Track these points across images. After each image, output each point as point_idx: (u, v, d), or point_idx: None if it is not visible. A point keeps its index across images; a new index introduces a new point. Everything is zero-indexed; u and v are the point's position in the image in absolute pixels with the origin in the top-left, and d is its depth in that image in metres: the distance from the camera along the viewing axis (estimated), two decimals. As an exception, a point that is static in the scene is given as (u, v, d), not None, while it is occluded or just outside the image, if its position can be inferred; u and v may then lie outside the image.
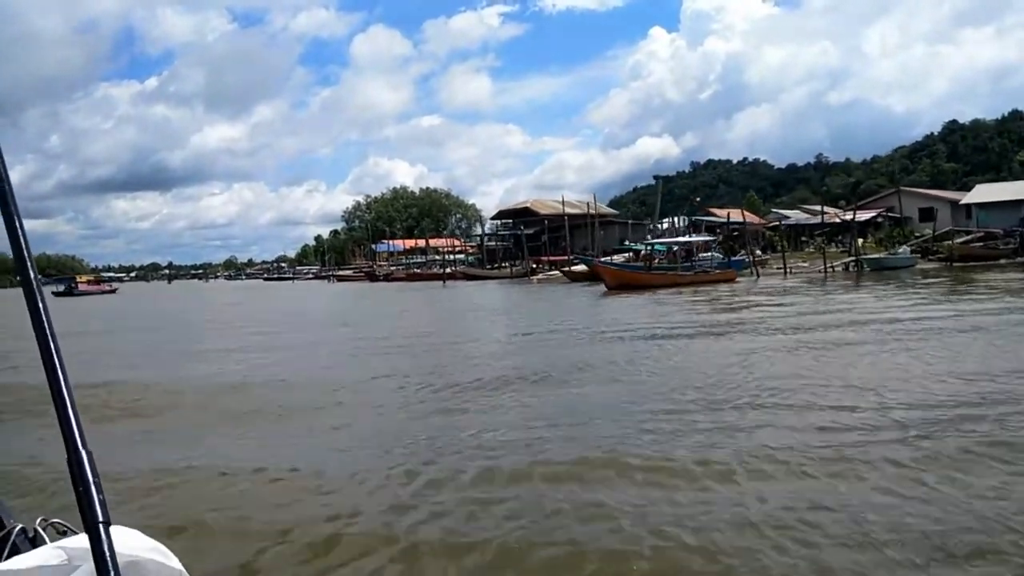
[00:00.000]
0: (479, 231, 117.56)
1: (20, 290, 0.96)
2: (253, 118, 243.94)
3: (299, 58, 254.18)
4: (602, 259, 48.00)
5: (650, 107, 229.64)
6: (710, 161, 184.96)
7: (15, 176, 1.01)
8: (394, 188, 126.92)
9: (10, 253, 0.98)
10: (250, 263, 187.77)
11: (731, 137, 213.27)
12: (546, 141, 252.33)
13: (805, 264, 48.60)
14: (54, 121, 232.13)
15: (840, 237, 59.56)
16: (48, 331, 0.94)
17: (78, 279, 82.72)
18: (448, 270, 71.50)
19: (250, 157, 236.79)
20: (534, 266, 61.14)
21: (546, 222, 65.31)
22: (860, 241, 58.52)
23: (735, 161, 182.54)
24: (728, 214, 57.48)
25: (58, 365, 0.93)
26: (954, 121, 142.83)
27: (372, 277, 71.37)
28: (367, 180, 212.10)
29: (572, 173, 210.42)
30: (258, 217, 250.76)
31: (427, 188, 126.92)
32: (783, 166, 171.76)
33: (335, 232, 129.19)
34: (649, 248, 44.06)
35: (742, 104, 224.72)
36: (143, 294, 74.28)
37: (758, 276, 39.63)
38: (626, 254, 53.06)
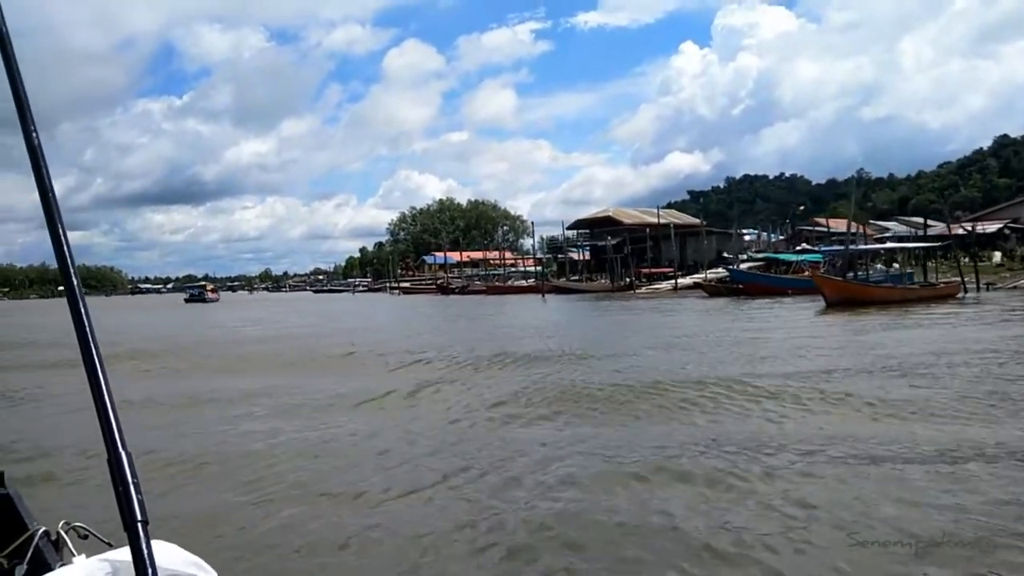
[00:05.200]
0: (528, 243, 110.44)
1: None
2: (285, 133, 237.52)
3: (332, 74, 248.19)
4: (739, 270, 40.11)
5: (680, 123, 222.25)
6: (746, 176, 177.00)
7: (55, 188, 1.01)
8: (440, 200, 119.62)
9: (56, 264, 0.98)
10: (286, 275, 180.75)
11: (761, 152, 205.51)
12: (574, 157, 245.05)
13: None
14: (92, 135, 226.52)
15: (975, 249, 51.56)
16: (89, 335, 0.93)
17: (207, 287, 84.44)
18: (528, 282, 63.88)
19: (283, 172, 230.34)
20: (630, 279, 53.26)
21: (647, 231, 57.29)
22: (998, 255, 50.40)
23: (771, 176, 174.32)
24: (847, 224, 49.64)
25: (99, 368, 0.91)
26: (1005, 136, 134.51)
27: (444, 290, 63.40)
28: (396, 194, 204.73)
29: (600, 188, 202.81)
30: (290, 231, 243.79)
31: (474, 200, 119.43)
32: (822, 181, 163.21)
33: (379, 244, 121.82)
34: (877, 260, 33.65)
35: (772, 120, 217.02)
36: (234, 303, 68.81)
37: (966, 291, 31.55)
38: (754, 263, 44.73)
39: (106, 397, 0.90)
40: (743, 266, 45.89)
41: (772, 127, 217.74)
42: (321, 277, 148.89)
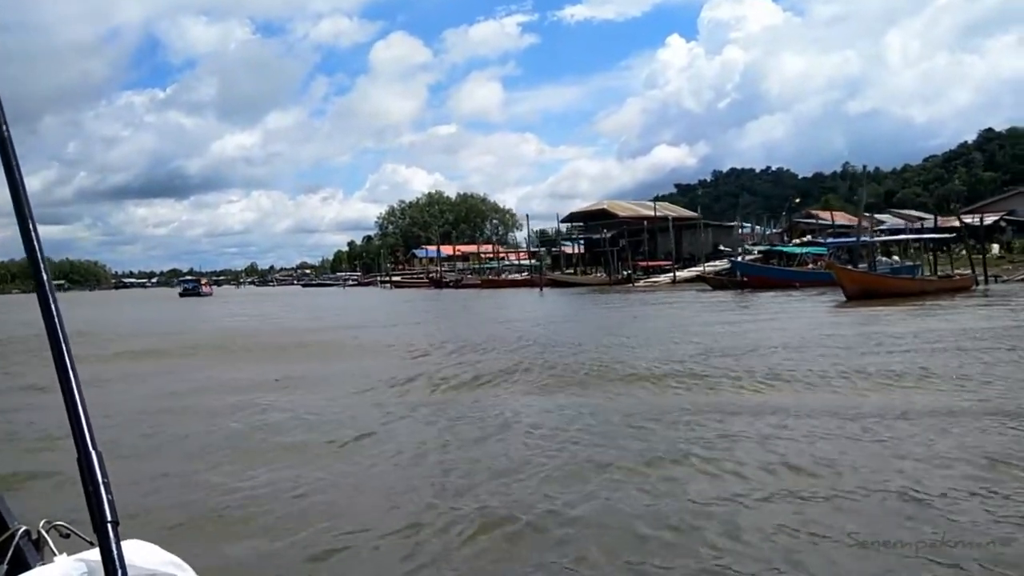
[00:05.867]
0: (517, 236, 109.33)
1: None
2: (271, 126, 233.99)
3: (319, 66, 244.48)
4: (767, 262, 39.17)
5: (666, 116, 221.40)
6: (732, 170, 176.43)
7: (37, 182, 1.00)
8: (429, 193, 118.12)
9: (51, 259, 0.97)
10: (272, 269, 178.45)
11: (746, 146, 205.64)
12: (561, 150, 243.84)
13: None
14: (76, 128, 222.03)
15: (974, 241, 51.15)
16: (60, 332, 0.92)
17: (201, 281, 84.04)
18: (521, 275, 62.82)
19: (268, 165, 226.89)
20: (628, 272, 52.28)
21: (644, 224, 56.24)
22: (996, 248, 49.91)
23: (758, 170, 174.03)
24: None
25: (69, 366, 0.90)
26: (990, 129, 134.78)
27: (438, 284, 62.18)
28: (383, 187, 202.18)
29: (587, 182, 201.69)
30: (275, 225, 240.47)
31: (463, 194, 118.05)
32: (808, 175, 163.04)
33: (368, 238, 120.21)
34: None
35: (758, 113, 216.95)
36: (228, 297, 67.24)
37: (978, 283, 30.79)
38: (756, 256, 43.65)
39: (76, 395, 0.88)
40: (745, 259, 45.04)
41: (758, 120, 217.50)
42: (308, 271, 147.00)
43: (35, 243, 0.94)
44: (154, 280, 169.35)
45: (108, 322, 29.00)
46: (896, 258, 43.55)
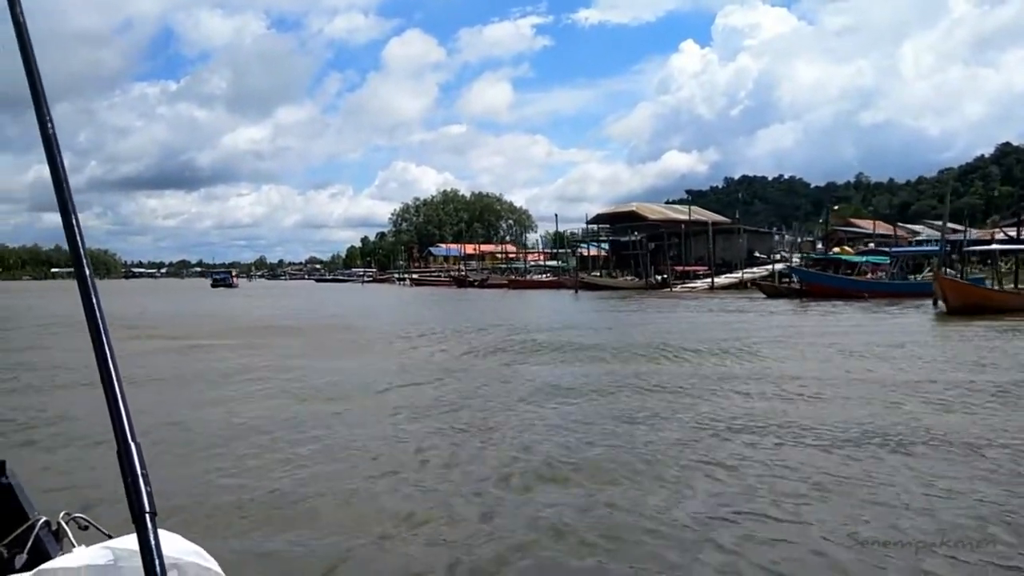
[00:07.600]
0: (532, 237, 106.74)
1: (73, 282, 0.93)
2: (282, 120, 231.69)
3: (331, 62, 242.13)
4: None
5: (677, 122, 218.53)
6: (744, 177, 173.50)
7: (48, 170, 0.97)
8: (444, 191, 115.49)
9: (61, 246, 0.96)
10: (281, 263, 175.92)
11: (757, 154, 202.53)
12: (571, 153, 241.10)
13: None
14: (88, 117, 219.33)
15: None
16: (100, 322, 0.91)
17: (232, 273, 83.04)
18: (546, 276, 60.26)
19: (278, 159, 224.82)
20: (659, 277, 49.66)
21: (681, 227, 53.48)
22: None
23: (770, 178, 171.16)
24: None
25: (109, 357, 0.89)
26: (1007, 143, 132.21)
27: (461, 283, 59.58)
28: (392, 185, 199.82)
29: (595, 185, 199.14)
30: (284, 219, 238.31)
31: (478, 192, 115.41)
32: (821, 184, 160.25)
33: (381, 235, 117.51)
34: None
35: (769, 121, 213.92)
36: (257, 290, 65.81)
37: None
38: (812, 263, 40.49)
39: (116, 387, 0.87)
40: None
41: (768, 128, 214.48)
42: (318, 266, 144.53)
43: (77, 237, 0.92)
44: (163, 271, 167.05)
45: (238, 312, 28.97)
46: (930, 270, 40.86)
